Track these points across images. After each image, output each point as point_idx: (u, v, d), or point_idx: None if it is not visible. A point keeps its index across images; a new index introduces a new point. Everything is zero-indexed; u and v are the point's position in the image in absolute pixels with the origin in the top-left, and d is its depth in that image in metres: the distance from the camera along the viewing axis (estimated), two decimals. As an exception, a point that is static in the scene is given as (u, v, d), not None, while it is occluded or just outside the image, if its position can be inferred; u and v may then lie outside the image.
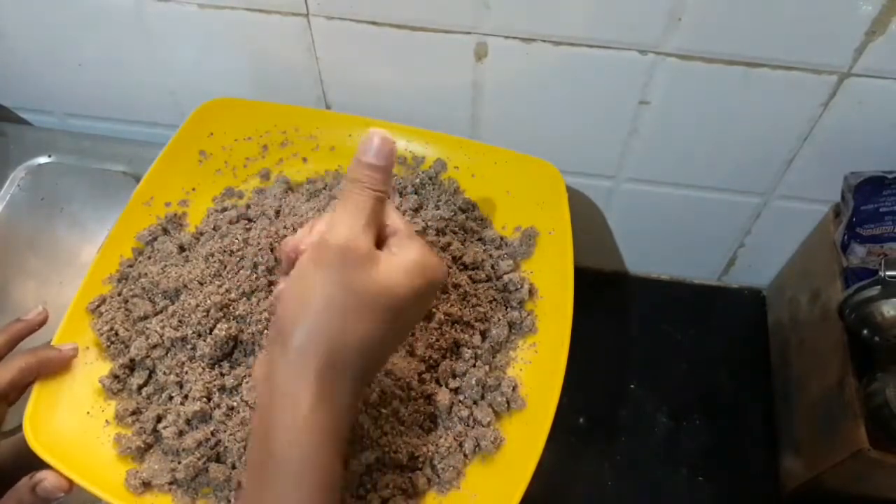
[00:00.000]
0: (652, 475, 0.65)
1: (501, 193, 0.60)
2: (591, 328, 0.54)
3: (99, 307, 0.51)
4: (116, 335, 0.50)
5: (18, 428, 0.44)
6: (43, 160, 0.69)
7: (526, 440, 0.47)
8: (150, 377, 0.49)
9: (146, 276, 0.52)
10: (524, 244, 0.57)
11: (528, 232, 0.57)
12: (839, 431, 0.54)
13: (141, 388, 0.48)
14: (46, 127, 0.73)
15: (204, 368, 0.48)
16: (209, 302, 0.49)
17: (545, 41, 0.54)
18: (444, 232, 0.56)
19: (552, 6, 0.51)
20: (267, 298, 0.50)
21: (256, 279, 0.50)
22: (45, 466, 0.43)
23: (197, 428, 0.46)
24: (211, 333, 0.48)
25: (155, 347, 0.48)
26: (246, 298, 0.50)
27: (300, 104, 0.63)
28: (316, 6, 0.55)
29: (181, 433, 0.46)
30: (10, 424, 0.45)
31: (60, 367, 0.47)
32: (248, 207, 0.58)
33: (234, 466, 0.45)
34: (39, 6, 0.61)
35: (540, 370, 0.51)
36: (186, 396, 0.47)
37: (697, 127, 0.58)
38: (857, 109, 0.54)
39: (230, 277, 0.51)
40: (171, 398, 0.47)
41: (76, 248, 0.64)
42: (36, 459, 0.43)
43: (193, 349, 0.48)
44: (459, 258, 0.55)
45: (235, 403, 0.47)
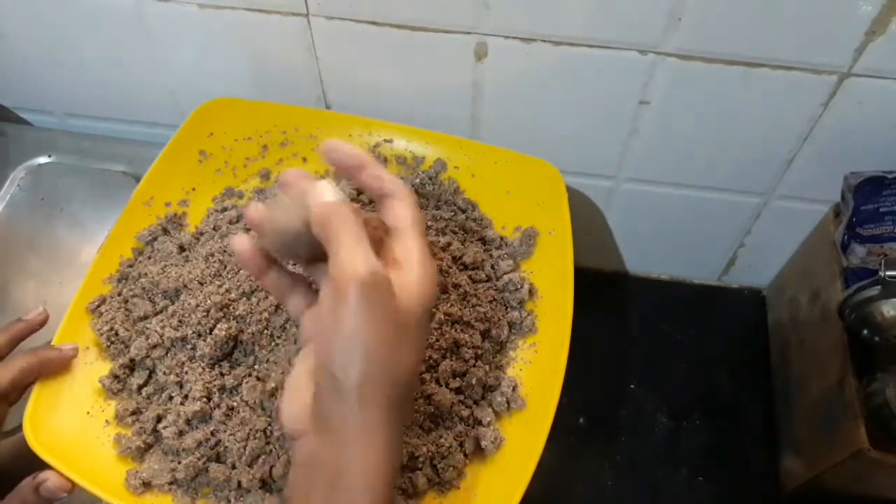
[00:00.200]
0: (652, 475, 0.65)
1: (501, 193, 0.60)
2: (591, 328, 0.54)
3: (99, 307, 0.51)
4: (116, 335, 0.50)
5: (18, 428, 0.44)
6: (43, 160, 0.69)
7: (526, 440, 0.47)
8: (150, 377, 0.49)
9: (146, 276, 0.52)
10: (524, 244, 0.57)
11: (528, 232, 0.57)
12: (839, 431, 0.54)
13: (141, 388, 0.48)
14: (46, 127, 0.73)
15: (204, 368, 0.48)
16: (209, 302, 0.49)
17: (545, 41, 0.54)
18: (444, 232, 0.56)
19: (552, 6, 0.51)
20: (267, 298, 0.50)
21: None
22: (45, 466, 0.43)
23: (197, 428, 0.46)
24: (211, 333, 0.48)
25: (155, 347, 0.48)
26: (246, 298, 0.50)
27: (300, 104, 0.63)
28: (316, 6, 0.55)
29: (181, 433, 0.46)
30: (10, 424, 0.45)
31: (61, 367, 0.47)
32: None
33: (233, 466, 0.45)
34: (39, 6, 0.61)
35: (540, 370, 0.51)
36: (186, 396, 0.47)
37: (697, 127, 0.58)
38: (857, 109, 0.54)
39: (230, 277, 0.51)
40: (171, 398, 0.47)
41: (76, 248, 0.64)
42: (36, 459, 0.43)
43: (193, 349, 0.48)
44: (459, 258, 0.55)
45: (235, 403, 0.47)
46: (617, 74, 0.55)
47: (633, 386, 0.70)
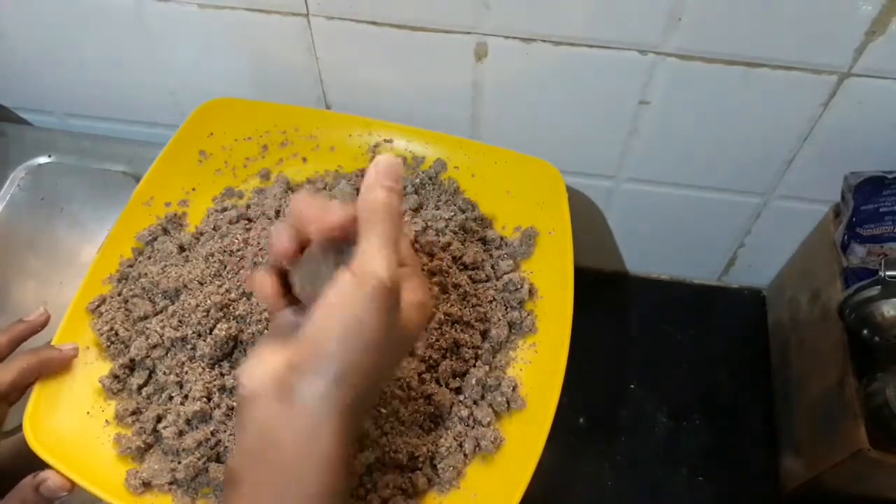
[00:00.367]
0: (652, 475, 0.65)
1: (501, 193, 0.60)
2: (591, 328, 0.54)
3: (99, 307, 0.51)
4: (116, 335, 0.50)
5: (18, 428, 0.44)
6: (43, 160, 0.69)
7: (526, 440, 0.47)
8: (150, 377, 0.49)
9: (146, 276, 0.52)
10: (524, 244, 0.57)
11: (528, 232, 0.57)
12: (839, 431, 0.54)
13: (141, 388, 0.48)
14: (46, 127, 0.73)
15: (204, 368, 0.48)
16: (209, 302, 0.49)
17: (545, 41, 0.54)
18: (443, 232, 0.56)
19: (552, 6, 0.51)
20: (267, 298, 0.50)
21: (256, 279, 0.50)
22: (45, 466, 0.43)
23: (197, 428, 0.46)
24: (211, 333, 0.48)
25: (155, 347, 0.48)
26: (246, 298, 0.50)
27: (300, 104, 0.63)
28: (316, 6, 0.55)
29: (181, 433, 0.46)
30: (10, 424, 0.45)
31: (61, 367, 0.47)
32: (248, 207, 0.58)
33: (234, 466, 0.45)
34: (39, 6, 0.61)
35: (540, 370, 0.51)
36: (186, 396, 0.47)
37: (697, 127, 0.58)
38: (857, 109, 0.54)
39: (230, 277, 0.51)
40: (171, 398, 0.47)
41: (76, 248, 0.64)
42: (36, 459, 0.43)
43: (193, 349, 0.48)
44: (459, 258, 0.55)
45: (235, 403, 0.47)
46: (617, 74, 0.55)
47: (633, 386, 0.70)
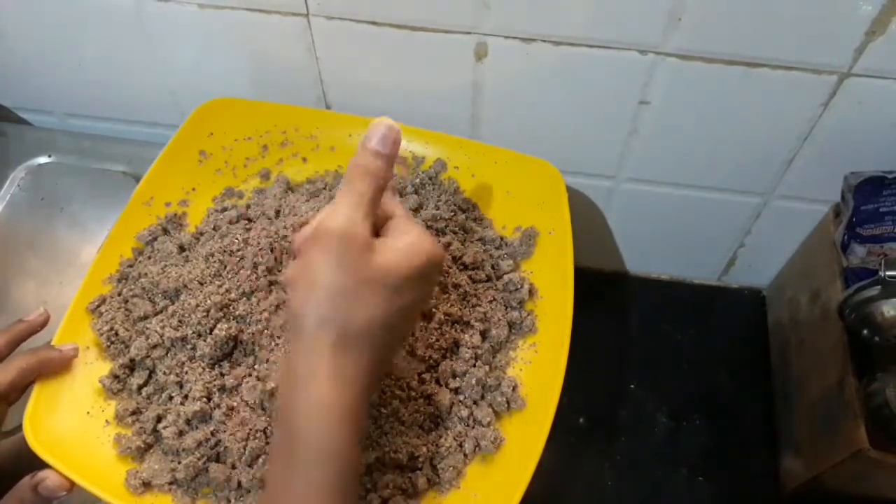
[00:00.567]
0: (652, 475, 0.65)
1: (501, 193, 0.60)
2: (591, 328, 0.54)
3: (99, 307, 0.51)
4: (116, 335, 0.50)
5: (18, 428, 0.44)
6: (43, 160, 0.69)
7: (526, 440, 0.47)
8: (150, 377, 0.49)
9: (146, 276, 0.52)
10: (524, 244, 0.57)
11: (528, 232, 0.57)
12: (839, 431, 0.54)
13: (141, 388, 0.48)
14: (46, 127, 0.73)
15: (204, 368, 0.48)
16: (209, 302, 0.49)
17: (545, 41, 0.54)
18: (444, 232, 0.56)
19: (552, 6, 0.51)
20: (267, 299, 0.50)
21: (256, 279, 0.50)
22: (45, 466, 0.43)
23: (197, 428, 0.46)
24: (211, 333, 0.48)
25: (155, 347, 0.48)
26: (246, 298, 0.50)
27: (300, 104, 0.63)
28: (316, 6, 0.55)
29: (181, 433, 0.46)
30: (10, 424, 0.45)
31: (61, 367, 0.47)
32: (248, 207, 0.58)
33: (233, 466, 0.45)
34: (39, 6, 0.61)
35: (540, 370, 0.51)
36: (186, 396, 0.47)
37: (697, 127, 0.58)
38: (857, 109, 0.54)
39: (230, 277, 0.51)
40: (171, 398, 0.47)
41: (76, 248, 0.64)
42: (36, 459, 0.43)
43: (193, 349, 0.48)
44: (459, 258, 0.55)
45: (235, 403, 0.47)
46: (617, 74, 0.55)
47: (633, 386, 0.70)
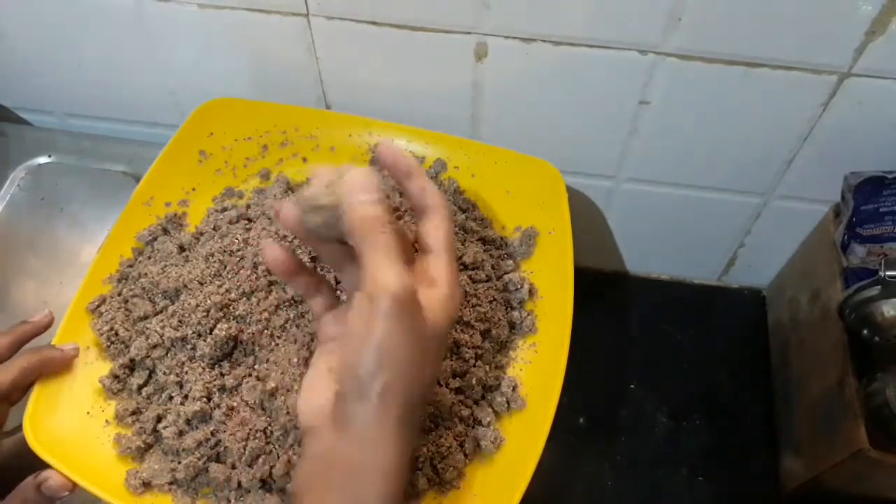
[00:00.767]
0: (652, 475, 0.65)
1: (501, 193, 0.60)
2: (591, 328, 0.54)
3: (99, 307, 0.51)
4: (116, 335, 0.50)
5: (19, 428, 0.44)
6: (43, 160, 0.69)
7: (526, 440, 0.47)
8: (150, 377, 0.49)
9: (146, 276, 0.52)
10: (524, 244, 0.57)
11: (528, 232, 0.57)
12: (839, 431, 0.54)
13: (141, 388, 0.48)
14: (46, 127, 0.73)
15: (204, 368, 0.48)
16: (209, 302, 0.49)
17: (545, 41, 0.54)
18: (444, 232, 0.56)
19: (552, 6, 0.51)
20: (267, 299, 0.50)
21: (256, 279, 0.50)
22: (45, 466, 0.43)
23: (197, 428, 0.46)
24: (211, 333, 0.48)
25: (155, 347, 0.48)
26: (246, 298, 0.50)
27: (300, 104, 0.63)
28: (316, 6, 0.55)
29: (181, 433, 0.46)
30: (10, 424, 0.45)
31: (62, 367, 0.47)
32: (248, 207, 0.58)
33: (233, 466, 0.45)
34: (39, 6, 0.61)
35: (540, 370, 0.51)
36: (186, 396, 0.47)
37: (697, 127, 0.58)
38: (857, 109, 0.54)
39: (230, 277, 0.51)
40: (171, 398, 0.47)
41: (76, 248, 0.64)
42: (37, 459, 0.43)
43: (193, 349, 0.48)
44: (459, 258, 0.55)
45: (235, 403, 0.47)
46: (617, 74, 0.55)
47: (633, 386, 0.70)
